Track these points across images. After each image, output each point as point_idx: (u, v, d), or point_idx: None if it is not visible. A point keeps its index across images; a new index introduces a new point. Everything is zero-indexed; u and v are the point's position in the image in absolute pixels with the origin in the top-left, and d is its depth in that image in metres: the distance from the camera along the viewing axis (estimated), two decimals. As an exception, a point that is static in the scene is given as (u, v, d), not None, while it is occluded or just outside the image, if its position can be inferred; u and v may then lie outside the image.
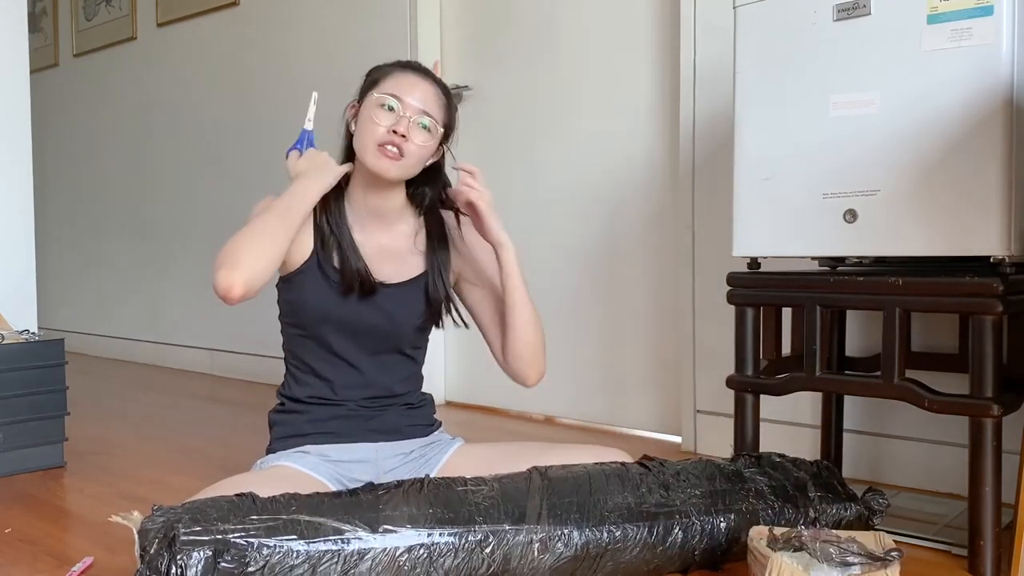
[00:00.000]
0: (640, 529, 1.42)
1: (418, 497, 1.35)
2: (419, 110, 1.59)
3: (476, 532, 1.33)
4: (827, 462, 1.73)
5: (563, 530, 1.37)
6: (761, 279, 1.81)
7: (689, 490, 1.50)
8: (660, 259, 2.69)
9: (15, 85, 2.61)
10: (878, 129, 1.62)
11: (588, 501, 1.42)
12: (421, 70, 1.65)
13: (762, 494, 1.54)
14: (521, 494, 1.40)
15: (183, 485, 2.09)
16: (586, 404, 2.86)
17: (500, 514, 1.36)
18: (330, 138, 1.75)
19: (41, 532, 1.82)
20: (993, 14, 1.50)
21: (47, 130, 5.04)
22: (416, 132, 1.59)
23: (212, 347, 4.16)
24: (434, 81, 1.65)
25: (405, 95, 1.59)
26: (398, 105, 1.58)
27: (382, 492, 1.36)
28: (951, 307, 1.61)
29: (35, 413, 2.30)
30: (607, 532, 1.40)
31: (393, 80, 1.61)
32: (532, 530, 1.36)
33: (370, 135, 1.59)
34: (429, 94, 1.62)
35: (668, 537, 1.44)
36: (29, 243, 2.62)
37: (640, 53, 2.72)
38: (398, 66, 1.65)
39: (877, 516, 1.61)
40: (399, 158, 1.59)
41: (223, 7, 4.00)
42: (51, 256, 5.02)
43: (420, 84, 1.61)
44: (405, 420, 1.72)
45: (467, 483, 1.41)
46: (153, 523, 1.26)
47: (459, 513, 1.35)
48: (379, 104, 1.58)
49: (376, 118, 1.58)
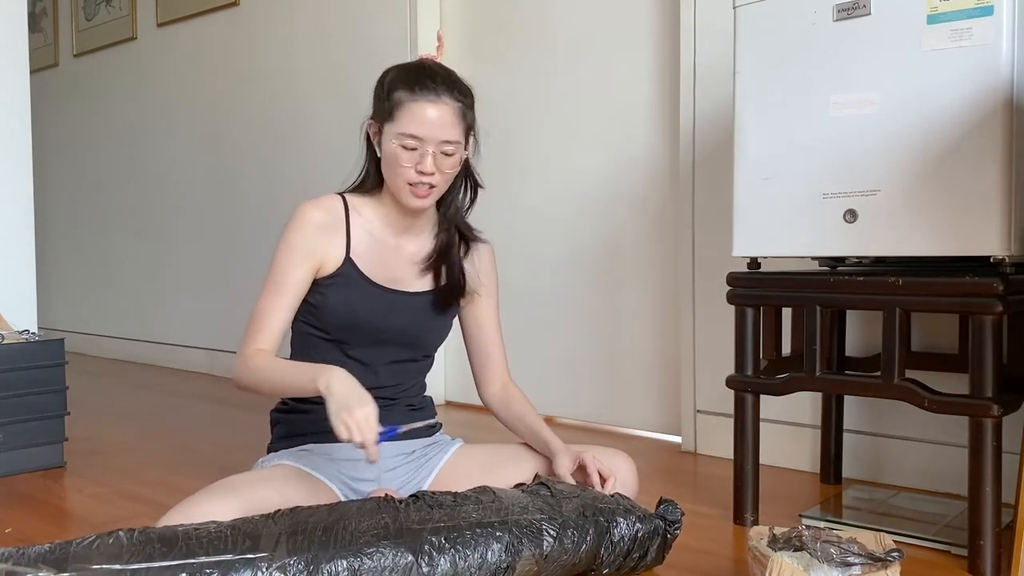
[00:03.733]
0: (398, 552, 1.29)
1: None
2: (440, 141, 1.57)
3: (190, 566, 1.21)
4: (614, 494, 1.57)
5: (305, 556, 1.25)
6: (761, 279, 1.81)
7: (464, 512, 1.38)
8: (660, 259, 2.69)
9: (15, 85, 2.61)
10: (878, 129, 1.62)
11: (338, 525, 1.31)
12: (433, 90, 1.56)
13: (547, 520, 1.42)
14: (256, 525, 1.30)
15: (183, 485, 2.09)
16: (586, 404, 2.86)
17: (227, 545, 1.25)
18: (330, 139, 1.75)
19: (41, 532, 1.82)
20: (993, 14, 1.49)
21: (47, 130, 5.04)
22: (441, 161, 1.58)
23: (212, 347, 4.16)
24: (448, 93, 1.58)
25: (423, 132, 1.55)
26: (419, 144, 1.56)
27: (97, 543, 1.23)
28: (951, 307, 1.61)
29: (35, 413, 2.30)
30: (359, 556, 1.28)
31: (408, 115, 1.55)
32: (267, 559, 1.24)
33: (399, 176, 1.58)
34: (446, 117, 1.56)
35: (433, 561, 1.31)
36: (29, 243, 2.62)
37: (640, 53, 2.72)
38: (411, 96, 1.56)
39: (674, 527, 1.51)
40: (430, 192, 1.60)
41: (223, 7, 4.00)
42: (51, 256, 5.02)
43: (435, 113, 1.55)
44: (408, 420, 1.73)
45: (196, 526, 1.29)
46: None
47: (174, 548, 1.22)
48: (400, 145, 1.56)
49: (401, 159, 1.57)
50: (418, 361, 1.74)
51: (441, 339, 1.75)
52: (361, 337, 1.64)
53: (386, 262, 1.66)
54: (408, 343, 1.68)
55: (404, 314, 1.66)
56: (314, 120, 3.62)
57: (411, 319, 1.67)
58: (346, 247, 1.63)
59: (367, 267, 1.64)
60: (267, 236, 3.88)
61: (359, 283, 1.63)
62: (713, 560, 1.57)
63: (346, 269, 1.63)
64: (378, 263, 1.65)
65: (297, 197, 4.01)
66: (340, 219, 1.64)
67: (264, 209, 3.89)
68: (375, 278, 1.64)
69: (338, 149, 3.53)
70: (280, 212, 3.80)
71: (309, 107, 3.65)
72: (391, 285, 1.65)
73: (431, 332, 1.72)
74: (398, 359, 1.69)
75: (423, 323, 1.69)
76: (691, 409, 2.53)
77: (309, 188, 3.67)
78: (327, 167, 3.58)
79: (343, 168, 3.88)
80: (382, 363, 1.67)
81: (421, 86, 1.56)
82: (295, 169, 3.73)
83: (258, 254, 3.94)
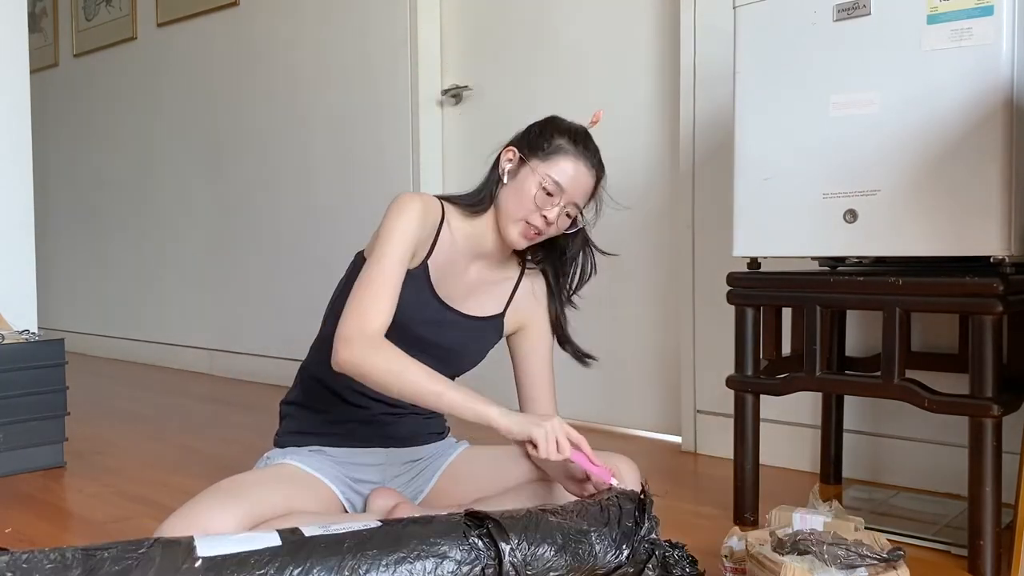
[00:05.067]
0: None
1: None
2: (572, 202, 1.61)
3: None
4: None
5: None
6: (761, 279, 1.81)
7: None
8: (660, 259, 2.69)
9: (15, 85, 2.61)
10: (878, 129, 1.62)
11: None
12: (592, 158, 1.62)
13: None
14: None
15: (183, 485, 2.09)
16: (586, 404, 2.86)
17: None
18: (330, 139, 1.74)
19: (41, 532, 1.82)
20: (993, 14, 1.50)
21: (47, 130, 5.05)
22: (563, 219, 1.62)
23: (212, 347, 4.16)
24: (598, 168, 1.64)
25: (569, 186, 1.59)
26: (559, 195, 1.59)
27: None
28: (951, 307, 1.61)
29: (35, 413, 2.30)
30: None
31: (563, 166, 1.59)
32: None
33: (522, 211, 1.59)
34: (588, 186, 1.62)
35: None
36: (29, 243, 2.62)
37: (640, 53, 2.72)
38: (573, 150, 1.60)
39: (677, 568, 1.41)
40: (537, 238, 1.62)
41: (223, 7, 4.00)
42: (51, 256, 5.02)
43: (585, 178, 1.61)
44: (421, 428, 1.73)
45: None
46: None
47: None
48: (541, 186, 1.58)
49: (536, 199, 1.58)
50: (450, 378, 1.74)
51: (473, 364, 1.74)
52: (403, 340, 1.64)
53: (452, 279, 1.67)
54: (444, 359, 1.67)
55: (451, 332, 1.66)
56: (314, 120, 3.62)
57: (456, 339, 1.67)
58: (429, 250, 1.63)
59: (436, 278, 1.64)
60: (267, 236, 3.88)
61: (424, 290, 1.63)
62: (713, 560, 1.57)
63: (420, 272, 1.62)
64: (446, 277, 1.65)
65: (297, 196, 4.03)
66: (436, 222, 1.64)
67: (264, 209, 3.89)
68: (439, 291, 1.65)
69: (338, 149, 3.53)
70: (280, 212, 3.81)
71: (309, 107, 3.65)
72: (448, 301, 1.66)
73: (468, 355, 1.72)
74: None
75: (466, 346, 1.70)
76: (691, 409, 2.53)
77: (309, 187, 3.68)
78: (327, 167, 3.58)
79: (343, 168, 3.88)
80: None
81: (586, 148, 1.62)
82: (295, 169, 3.73)
83: (258, 254, 3.94)
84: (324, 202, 3.60)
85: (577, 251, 1.70)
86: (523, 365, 1.75)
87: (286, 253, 3.79)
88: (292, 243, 3.76)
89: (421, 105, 3.23)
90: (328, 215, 3.57)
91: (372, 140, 3.40)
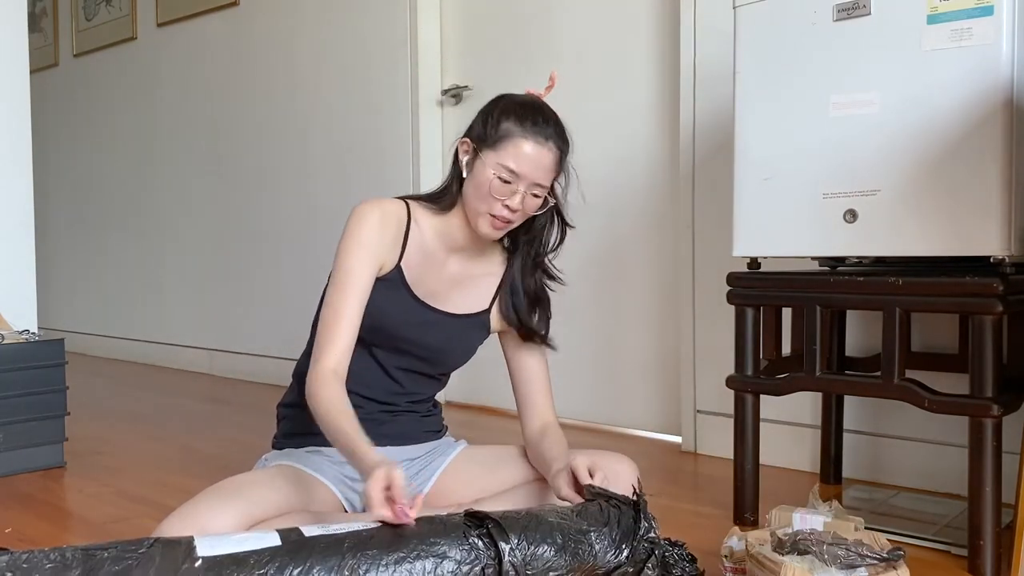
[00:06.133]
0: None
1: None
2: (534, 183, 1.56)
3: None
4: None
5: None
6: (761, 279, 1.82)
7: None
8: (660, 259, 2.69)
9: (15, 85, 2.61)
10: (878, 129, 1.62)
11: None
12: (543, 133, 1.56)
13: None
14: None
15: (183, 485, 2.09)
16: (586, 404, 2.86)
17: None
18: (330, 139, 1.74)
19: (41, 532, 1.82)
20: (993, 14, 1.50)
21: (47, 130, 5.04)
22: (529, 201, 1.58)
23: (212, 347, 4.16)
24: (555, 138, 1.57)
25: (523, 170, 1.54)
26: (515, 180, 1.55)
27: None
28: (951, 307, 1.61)
29: (35, 413, 2.30)
30: None
31: (513, 150, 1.54)
32: None
33: (484, 204, 1.57)
34: (547, 162, 1.56)
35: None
36: (29, 243, 2.62)
37: (640, 53, 2.72)
38: (521, 130, 1.55)
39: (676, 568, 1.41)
40: (506, 226, 1.60)
41: (223, 7, 4.00)
42: (51, 256, 5.02)
43: (539, 155, 1.55)
44: (417, 427, 1.73)
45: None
46: None
47: None
48: (496, 175, 1.55)
49: (493, 190, 1.55)
50: (435, 377, 1.74)
51: (462, 362, 1.74)
52: (386, 342, 1.64)
53: (430, 277, 1.66)
54: (428, 358, 1.67)
55: (434, 331, 1.65)
56: (314, 120, 3.62)
57: (439, 337, 1.66)
58: (400, 254, 1.63)
59: (412, 278, 1.63)
60: (267, 236, 3.89)
61: (401, 293, 1.62)
62: (713, 560, 1.57)
63: (395, 275, 1.62)
64: (423, 276, 1.65)
65: (297, 196, 4.03)
66: (402, 224, 1.62)
67: (264, 209, 3.89)
68: (417, 291, 1.64)
69: (338, 148, 3.53)
70: (280, 212, 3.81)
71: (309, 107, 3.65)
72: (429, 300, 1.65)
73: (454, 354, 1.71)
74: (418, 370, 1.69)
75: (451, 344, 1.69)
76: (691, 409, 2.53)
77: (309, 188, 3.68)
78: (327, 167, 3.58)
79: (343, 168, 3.88)
80: (400, 370, 1.67)
81: (533, 125, 1.55)
82: (295, 168, 3.73)
83: (258, 254, 3.94)
84: (324, 202, 3.60)
85: (545, 220, 1.67)
86: (515, 364, 1.75)
87: (286, 253, 3.79)
88: (292, 243, 3.76)
89: (421, 105, 3.22)
90: (328, 215, 3.57)
91: (372, 140, 3.40)
